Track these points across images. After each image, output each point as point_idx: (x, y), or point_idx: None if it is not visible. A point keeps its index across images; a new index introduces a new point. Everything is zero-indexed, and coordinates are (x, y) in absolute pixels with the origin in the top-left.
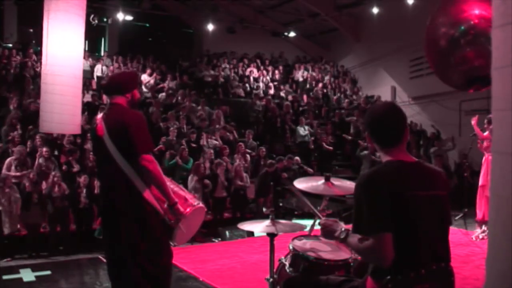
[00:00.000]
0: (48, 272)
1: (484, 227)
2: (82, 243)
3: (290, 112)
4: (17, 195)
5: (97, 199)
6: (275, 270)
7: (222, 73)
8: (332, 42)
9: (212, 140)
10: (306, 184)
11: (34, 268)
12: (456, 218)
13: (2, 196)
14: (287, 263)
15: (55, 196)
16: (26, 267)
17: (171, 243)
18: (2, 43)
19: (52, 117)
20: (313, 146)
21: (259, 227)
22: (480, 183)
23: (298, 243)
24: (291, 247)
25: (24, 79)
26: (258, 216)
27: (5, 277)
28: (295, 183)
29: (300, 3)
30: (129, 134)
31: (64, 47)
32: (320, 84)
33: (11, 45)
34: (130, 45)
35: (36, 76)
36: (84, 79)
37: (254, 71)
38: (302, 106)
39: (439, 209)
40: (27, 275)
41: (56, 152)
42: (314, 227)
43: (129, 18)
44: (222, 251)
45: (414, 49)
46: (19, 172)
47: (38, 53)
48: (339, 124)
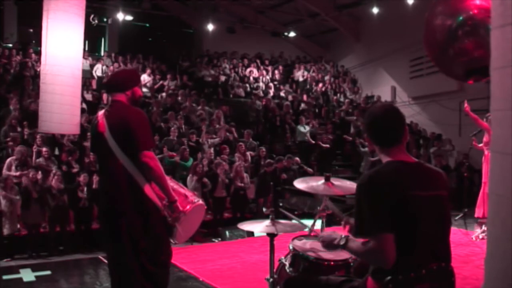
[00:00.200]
0: (48, 272)
1: (484, 227)
2: (82, 243)
3: (290, 112)
4: (18, 196)
5: (97, 198)
6: (275, 270)
7: (222, 73)
8: (332, 42)
9: (212, 139)
10: (306, 184)
11: (34, 268)
12: (456, 218)
13: (3, 197)
14: (287, 263)
15: (54, 193)
16: (26, 267)
17: (171, 241)
18: (2, 43)
19: (51, 116)
20: (313, 145)
21: (259, 227)
22: (483, 179)
23: (298, 243)
24: (291, 247)
25: (24, 79)
26: (258, 216)
27: (5, 277)
28: (295, 183)
29: (300, 3)
30: (130, 131)
31: (63, 47)
32: (320, 84)
33: (11, 45)
34: (130, 45)
35: (36, 76)
36: (84, 79)
37: (254, 71)
38: (302, 106)
39: (440, 209)
40: (27, 275)
41: (57, 152)
42: (314, 227)
43: (129, 18)
44: (222, 251)
45: (414, 49)
46: (19, 172)
47: (38, 53)
48: (339, 124)
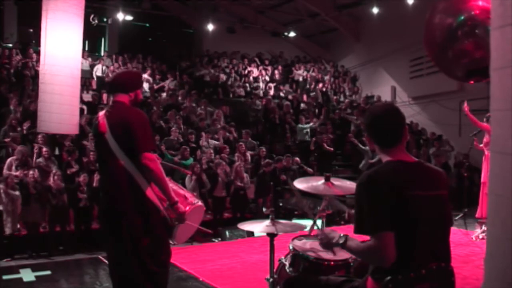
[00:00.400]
0: (48, 272)
1: (484, 227)
2: (82, 243)
3: (290, 112)
4: (17, 193)
5: (97, 198)
6: (275, 270)
7: (222, 73)
8: (332, 42)
9: (213, 140)
10: (306, 184)
11: (34, 268)
12: (456, 218)
13: (5, 196)
14: (287, 263)
15: (54, 192)
16: (26, 267)
17: (170, 241)
18: (2, 43)
19: (50, 116)
20: (313, 146)
21: (259, 227)
22: (482, 180)
23: (298, 243)
24: (291, 247)
25: (24, 79)
26: (258, 216)
27: (5, 277)
28: (295, 183)
29: (300, 3)
30: (131, 132)
31: (63, 47)
32: (320, 84)
33: (11, 45)
34: (130, 45)
35: (36, 76)
36: (84, 79)
37: (254, 71)
38: (302, 106)
39: (440, 209)
40: (27, 275)
41: (57, 152)
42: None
43: (129, 18)
44: (222, 251)
45: (414, 49)
46: (19, 172)
47: (38, 53)
48: (339, 124)
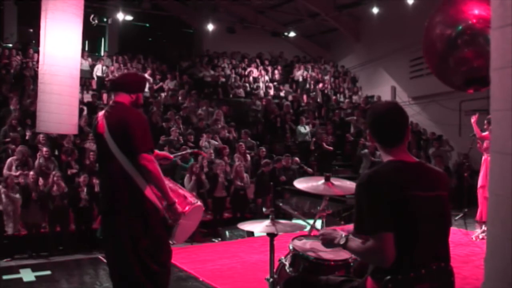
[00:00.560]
0: (48, 272)
1: (484, 227)
2: (82, 243)
3: (290, 112)
4: (17, 196)
5: (97, 198)
6: (275, 270)
7: (222, 73)
8: (332, 42)
9: (213, 141)
10: (306, 184)
11: (34, 268)
12: (456, 218)
13: (5, 197)
14: (287, 263)
15: (55, 195)
16: (26, 267)
17: (170, 241)
18: (2, 43)
19: (50, 116)
20: (313, 146)
21: (259, 227)
22: (479, 184)
23: (298, 243)
24: (291, 247)
25: (24, 79)
26: (258, 216)
27: (5, 277)
28: (295, 183)
29: (300, 3)
30: (129, 132)
31: (62, 46)
32: (320, 84)
33: (11, 45)
34: (130, 45)
35: (36, 76)
36: (84, 79)
37: (254, 71)
38: (302, 106)
39: (440, 209)
40: (27, 275)
41: (57, 152)
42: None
43: (129, 18)
44: (222, 251)
45: (414, 49)
46: (19, 172)
47: (38, 53)
48: (339, 124)
